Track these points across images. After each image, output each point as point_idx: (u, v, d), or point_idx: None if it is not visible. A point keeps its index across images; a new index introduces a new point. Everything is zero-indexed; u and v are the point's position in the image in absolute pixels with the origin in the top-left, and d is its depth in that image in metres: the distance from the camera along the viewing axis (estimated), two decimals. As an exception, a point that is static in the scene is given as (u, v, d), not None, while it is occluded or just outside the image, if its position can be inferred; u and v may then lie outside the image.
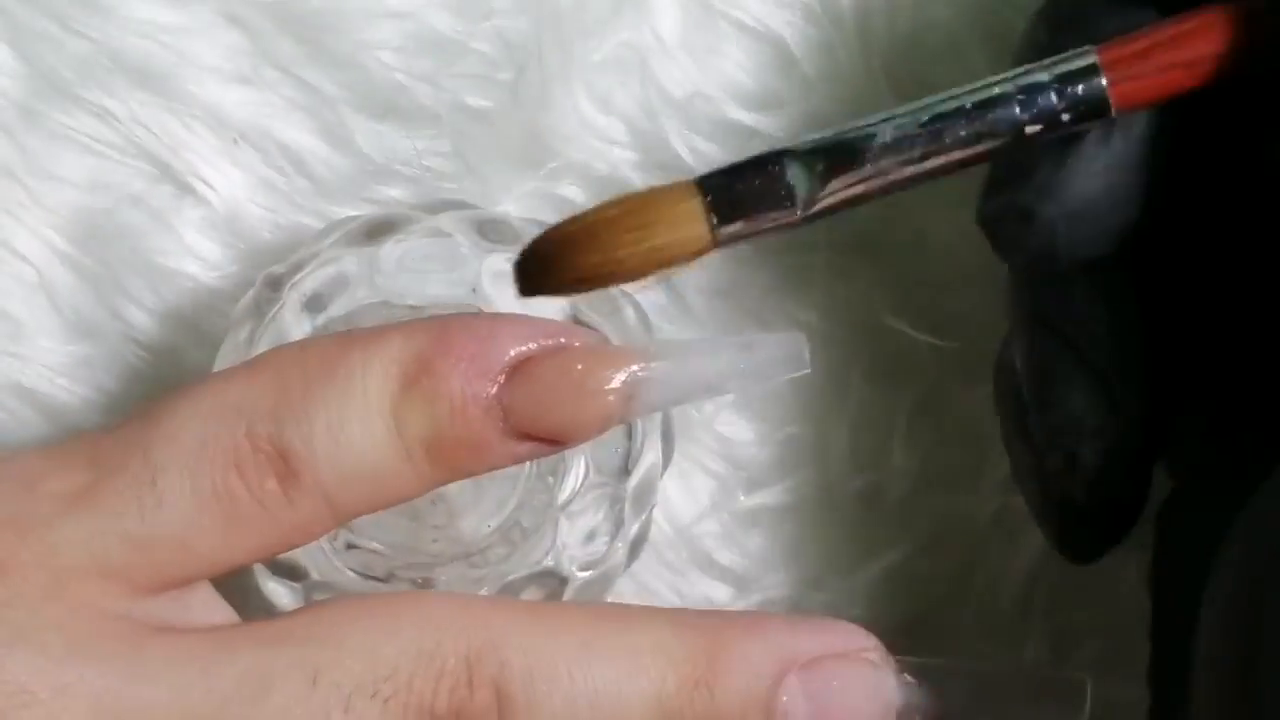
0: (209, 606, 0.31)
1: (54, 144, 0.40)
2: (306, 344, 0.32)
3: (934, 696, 0.31)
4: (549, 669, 0.30)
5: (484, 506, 0.35)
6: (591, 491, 0.35)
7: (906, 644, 0.38)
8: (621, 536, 0.35)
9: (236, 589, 0.33)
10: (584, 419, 0.30)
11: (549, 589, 0.35)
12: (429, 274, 0.35)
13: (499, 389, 0.30)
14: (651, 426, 0.36)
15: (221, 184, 0.40)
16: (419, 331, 0.31)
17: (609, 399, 0.30)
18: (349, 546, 0.35)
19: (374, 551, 0.35)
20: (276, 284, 0.35)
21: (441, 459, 0.30)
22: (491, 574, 0.35)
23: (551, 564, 0.35)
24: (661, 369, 0.31)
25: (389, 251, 0.35)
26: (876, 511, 0.40)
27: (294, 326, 0.35)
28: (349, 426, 0.30)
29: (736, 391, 0.38)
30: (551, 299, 0.33)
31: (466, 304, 0.35)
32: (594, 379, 0.30)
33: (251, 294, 0.35)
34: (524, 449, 0.31)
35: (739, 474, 0.40)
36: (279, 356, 0.31)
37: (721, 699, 0.30)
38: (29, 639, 0.29)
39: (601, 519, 0.35)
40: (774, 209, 0.30)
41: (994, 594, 0.39)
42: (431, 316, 0.32)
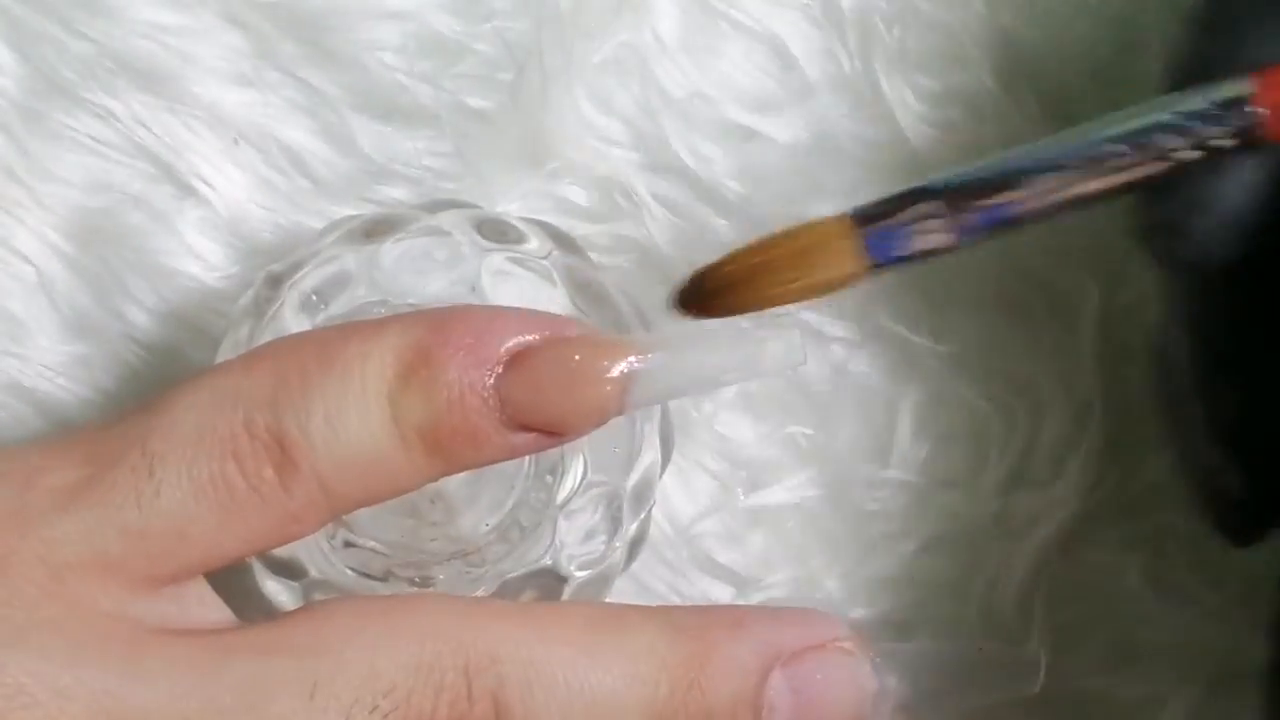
0: (206, 606, 0.31)
1: (55, 144, 0.40)
2: (304, 335, 0.32)
3: (903, 679, 0.32)
4: (546, 678, 0.30)
5: (482, 505, 0.35)
6: (590, 490, 0.35)
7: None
8: (620, 536, 0.35)
9: (236, 588, 0.33)
10: (581, 409, 0.30)
11: (547, 588, 0.35)
12: (428, 273, 0.35)
13: (497, 379, 0.30)
14: (650, 426, 0.36)
15: (222, 184, 0.40)
16: (417, 322, 0.31)
17: (606, 389, 0.30)
18: (347, 545, 0.34)
19: (372, 550, 0.34)
20: (276, 283, 0.35)
21: (439, 449, 0.30)
22: (490, 573, 0.35)
23: (550, 563, 0.35)
24: (659, 360, 0.31)
25: (389, 250, 0.35)
26: (876, 511, 0.40)
27: (293, 325, 0.35)
28: (347, 415, 0.30)
29: (733, 383, 0.38)
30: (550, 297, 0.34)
31: (466, 303, 0.35)
32: (591, 369, 0.30)
33: (251, 293, 0.35)
34: (521, 440, 0.31)
35: (739, 474, 0.40)
36: (277, 348, 0.31)
37: (713, 699, 0.31)
38: (28, 640, 0.29)
39: (600, 518, 0.35)
40: (928, 239, 0.30)
41: (994, 594, 0.39)
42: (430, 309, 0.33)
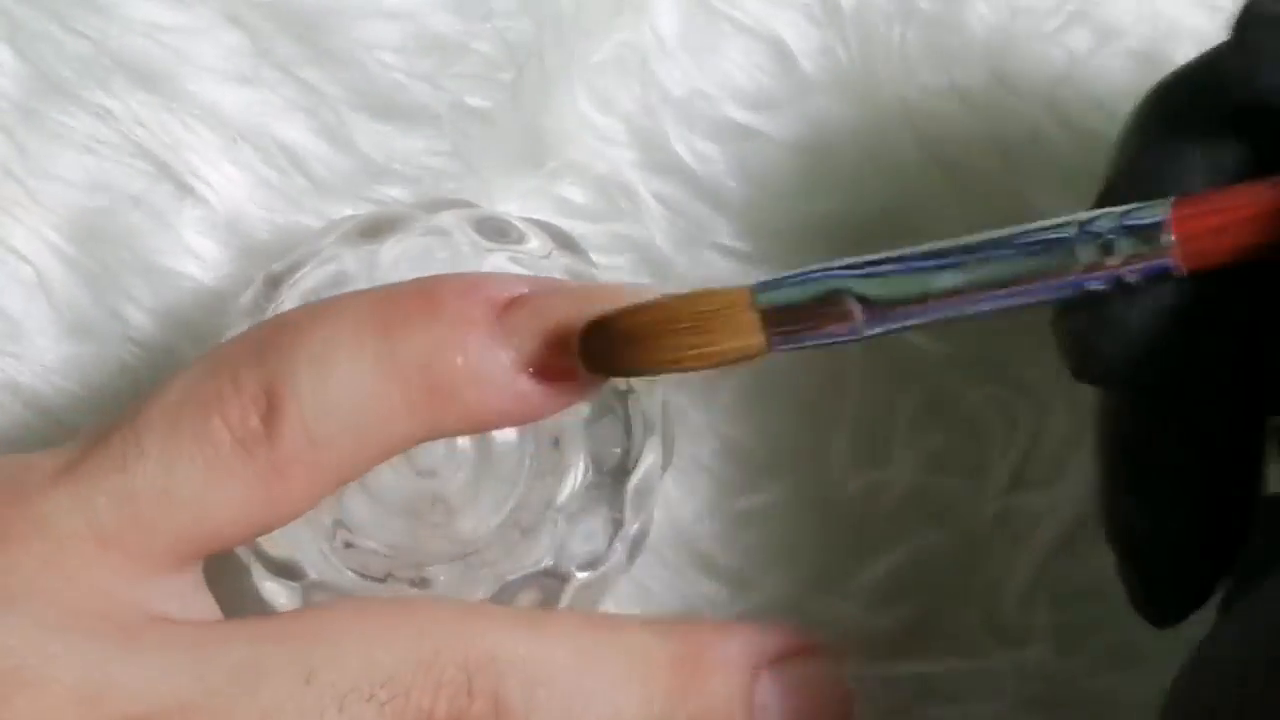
0: (207, 607, 0.31)
1: (53, 144, 0.40)
2: (294, 309, 0.32)
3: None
4: (546, 677, 0.31)
5: (483, 506, 0.35)
6: (591, 491, 0.35)
7: (907, 644, 0.39)
8: (621, 537, 0.35)
9: (235, 589, 0.33)
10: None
11: (548, 589, 0.35)
12: (428, 273, 0.35)
13: (500, 313, 0.31)
14: (652, 426, 0.36)
15: (221, 184, 0.40)
16: (408, 286, 0.31)
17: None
18: (347, 546, 0.34)
19: (372, 551, 0.34)
20: (275, 282, 0.35)
21: (436, 391, 0.30)
22: (490, 574, 0.35)
23: (550, 564, 0.35)
24: None
25: (388, 250, 0.35)
26: (876, 511, 0.40)
27: (293, 325, 0.35)
28: (335, 356, 0.30)
29: None
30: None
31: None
32: (600, 291, 0.31)
33: (250, 293, 0.35)
34: (527, 387, 0.31)
35: (739, 474, 0.40)
36: (265, 321, 0.32)
37: (708, 698, 0.32)
38: (22, 606, 0.29)
39: (601, 519, 0.35)
40: (830, 330, 0.31)
41: (995, 594, 0.39)
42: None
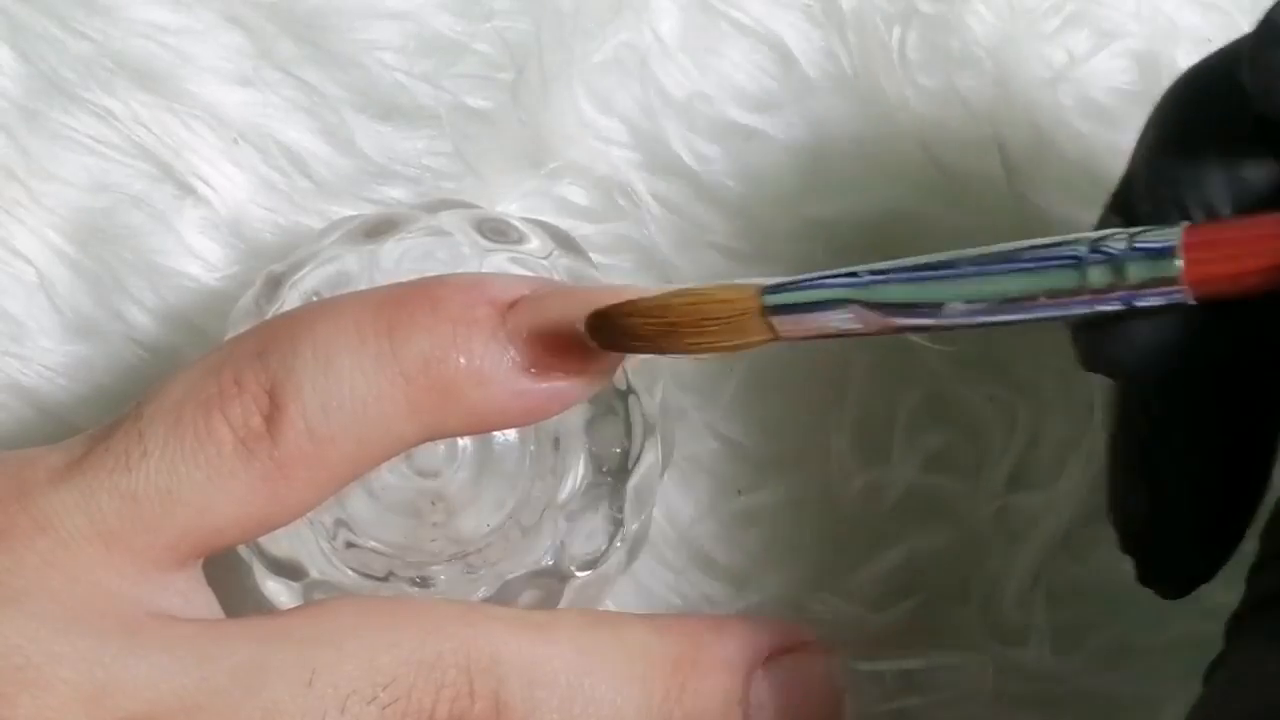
0: (209, 605, 0.31)
1: (55, 144, 0.40)
2: (296, 308, 0.32)
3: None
4: (547, 677, 0.31)
5: (483, 505, 0.35)
6: (591, 491, 0.35)
7: (905, 642, 0.39)
8: (621, 536, 0.35)
9: (236, 588, 0.34)
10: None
11: (548, 588, 0.35)
12: (429, 273, 0.35)
13: (502, 313, 0.31)
14: (652, 426, 0.36)
15: (222, 184, 0.40)
16: (411, 286, 0.31)
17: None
18: (348, 545, 0.34)
19: (373, 550, 0.35)
20: (276, 283, 0.35)
21: (436, 389, 0.30)
22: (490, 573, 0.35)
23: (551, 563, 0.35)
24: None
25: (389, 250, 0.35)
26: (876, 511, 0.40)
27: (294, 325, 0.35)
28: (337, 353, 0.30)
29: None
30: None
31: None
32: (600, 293, 0.31)
33: (251, 293, 0.35)
34: (529, 386, 0.31)
35: (739, 474, 0.40)
36: (267, 321, 0.32)
37: (706, 697, 0.32)
38: (26, 604, 0.29)
39: (601, 519, 0.35)
40: (835, 327, 0.31)
41: (993, 593, 0.39)
42: None
